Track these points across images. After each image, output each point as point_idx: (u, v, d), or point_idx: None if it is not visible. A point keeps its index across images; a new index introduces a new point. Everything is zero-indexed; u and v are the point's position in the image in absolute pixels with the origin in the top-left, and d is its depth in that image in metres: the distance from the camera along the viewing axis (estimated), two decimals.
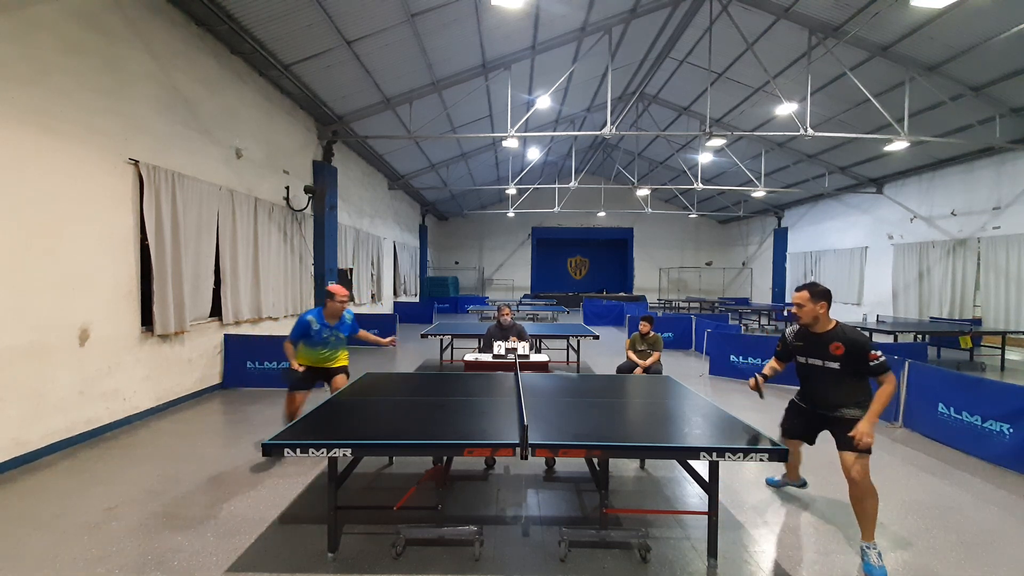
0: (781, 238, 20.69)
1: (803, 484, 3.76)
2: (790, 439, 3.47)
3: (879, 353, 2.93)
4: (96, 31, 4.84)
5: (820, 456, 4.06)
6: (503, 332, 6.49)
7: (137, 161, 5.29)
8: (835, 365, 3.03)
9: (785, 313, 15.73)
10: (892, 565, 2.90)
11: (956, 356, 10.05)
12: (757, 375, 3.43)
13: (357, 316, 11.33)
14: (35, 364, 4.25)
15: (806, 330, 3.18)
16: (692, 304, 22.01)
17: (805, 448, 3.73)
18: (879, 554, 2.85)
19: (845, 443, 2.95)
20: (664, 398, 3.77)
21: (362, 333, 4.82)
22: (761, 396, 3.43)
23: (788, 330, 3.37)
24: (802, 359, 3.22)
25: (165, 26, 5.77)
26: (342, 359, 4.64)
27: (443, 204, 23.14)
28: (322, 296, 9.97)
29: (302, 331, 4.40)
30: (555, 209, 18.65)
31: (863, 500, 2.90)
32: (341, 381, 4.46)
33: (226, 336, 6.91)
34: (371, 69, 8.80)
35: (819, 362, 3.11)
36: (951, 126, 10.77)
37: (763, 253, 22.51)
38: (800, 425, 3.36)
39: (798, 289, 3.14)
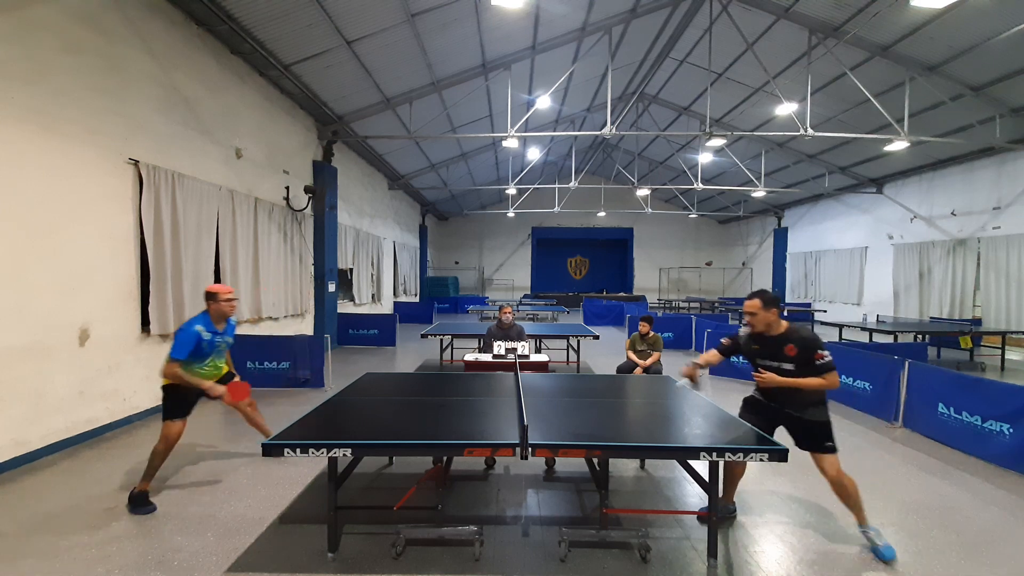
0: (781, 238, 20.69)
1: (733, 512, 3.45)
2: None
3: (826, 353, 2.98)
4: (96, 31, 4.84)
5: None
6: (503, 332, 6.50)
7: (137, 161, 5.29)
8: (790, 367, 3.06)
9: (785, 313, 15.72)
10: (892, 566, 2.90)
11: (956, 356, 10.04)
12: (694, 363, 3.41)
13: (357, 316, 11.38)
14: (35, 364, 4.25)
15: (761, 334, 3.19)
16: (692, 304, 22.02)
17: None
18: (878, 533, 3.02)
19: (808, 444, 3.07)
20: (664, 398, 3.77)
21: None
22: (694, 384, 3.41)
23: (742, 331, 3.36)
24: (761, 361, 3.24)
25: (165, 26, 5.77)
26: (226, 366, 3.95)
27: (443, 204, 23.13)
28: (321, 296, 10.03)
29: (194, 345, 3.50)
30: (555, 209, 18.66)
31: (842, 493, 3.04)
32: (245, 390, 3.73)
33: None
34: (371, 69, 8.81)
35: (775, 364, 3.13)
36: (951, 126, 10.78)
37: (763, 253, 22.52)
38: (759, 421, 3.23)
39: (749, 297, 3.15)
